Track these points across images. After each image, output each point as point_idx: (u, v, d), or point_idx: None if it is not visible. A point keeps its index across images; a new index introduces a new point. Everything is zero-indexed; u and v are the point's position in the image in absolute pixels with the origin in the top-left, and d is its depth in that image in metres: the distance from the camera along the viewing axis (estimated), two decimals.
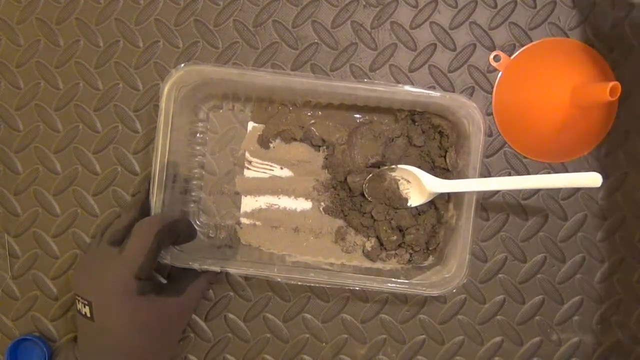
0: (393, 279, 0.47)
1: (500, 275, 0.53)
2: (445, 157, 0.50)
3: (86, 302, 0.43)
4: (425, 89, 0.46)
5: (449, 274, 0.47)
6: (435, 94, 0.46)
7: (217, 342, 0.53)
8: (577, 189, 0.53)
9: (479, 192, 0.47)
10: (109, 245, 0.44)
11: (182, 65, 0.46)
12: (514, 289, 0.53)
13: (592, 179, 0.44)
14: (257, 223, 0.52)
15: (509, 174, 0.53)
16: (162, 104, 0.46)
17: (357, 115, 0.52)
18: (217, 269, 0.47)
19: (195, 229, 0.50)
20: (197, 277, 0.49)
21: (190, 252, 0.48)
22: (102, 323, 0.42)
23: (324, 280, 0.47)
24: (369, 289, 0.47)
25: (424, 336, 0.53)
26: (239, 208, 0.53)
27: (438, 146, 0.50)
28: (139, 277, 0.42)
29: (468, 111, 0.46)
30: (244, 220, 0.53)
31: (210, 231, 0.52)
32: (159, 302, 0.44)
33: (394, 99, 0.48)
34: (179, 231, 0.46)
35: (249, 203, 0.53)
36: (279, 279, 0.47)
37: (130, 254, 0.42)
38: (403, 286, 0.47)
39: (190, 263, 0.47)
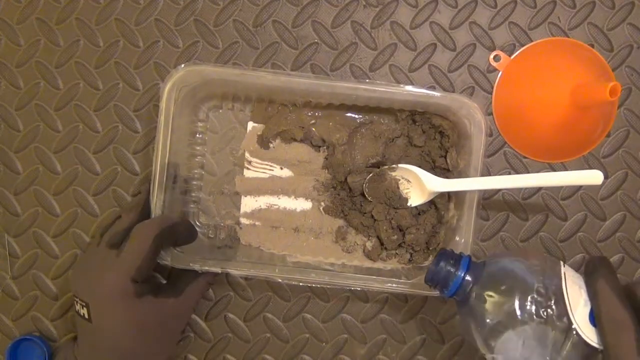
0: (394, 279, 0.47)
1: None
2: (445, 157, 0.50)
3: (84, 304, 0.43)
4: (426, 89, 0.46)
5: None
6: (437, 94, 0.46)
7: (217, 342, 0.53)
8: (578, 189, 0.53)
9: (480, 192, 0.47)
10: (107, 248, 0.44)
11: (183, 65, 0.46)
12: None
13: (594, 177, 0.44)
14: (257, 223, 0.52)
15: (509, 174, 0.53)
16: (163, 104, 0.46)
17: (358, 116, 0.52)
18: (218, 270, 0.47)
19: (195, 230, 0.50)
20: (196, 278, 0.49)
21: (191, 253, 0.48)
22: (100, 325, 0.43)
23: (326, 281, 0.47)
24: (370, 289, 0.47)
25: (424, 336, 0.53)
26: (238, 208, 0.53)
27: (439, 146, 0.50)
28: (136, 280, 0.43)
29: (469, 111, 0.46)
30: (243, 220, 0.53)
31: (210, 231, 0.52)
32: (156, 304, 0.45)
33: (395, 99, 0.48)
34: (178, 234, 0.46)
35: (248, 203, 0.53)
36: (280, 280, 0.47)
37: (127, 257, 0.42)
38: (404, 286, 0.47)
39: (190, 264, 0.47)
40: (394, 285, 0.47)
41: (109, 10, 0.54)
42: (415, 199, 0.50)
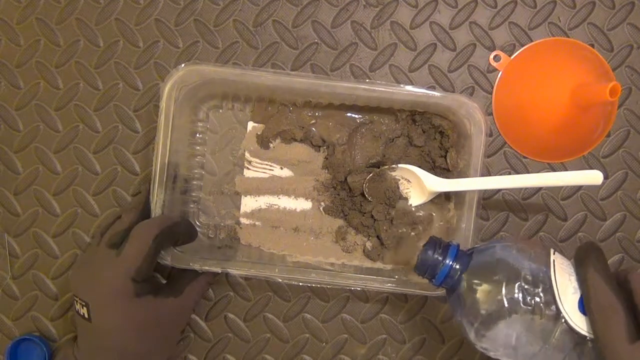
0: (394, 279, 0.47)
1: None
2: (445, 157, 0.50)
3: (84, 304, 0.43)
4: (426, 89, 0.46)
5: None
6: (437, 94, 0.46)
7: (217, 342, 0.53)
8: (578, 189, 0.53)
9: (480, 192, 0.47)
10: (107, 248, 0.44)
11: (183, 65, 0.46)
12: None
13: (593, 177, 0.44)
14: (257, 223, 0.52)
15: (509, 174, 0.53)
16: (163, 104, 0.46)
17: (358, 116, 0.51)
18: (218, 270, 0.47)
19: (195, 229, 0.50)
20: (196, 278, 0.49)
21: (191, 252, 0.48)
22: (100, 324, 0.43)
23: (326, 281, 0.47)
24: (370, 289, 0.47)
25: (424, 336, 0.53)
26: (238, 208, 0.53)
27: (439, 146, 0.50)
28: (136, 280, 0.43)
29: (469, 111, 0.46)
30: (243, 220, 0.53)
31: (210, 231, 0.52)
32: (156, 304, 0.45)
33: (395, 99, 0.48)
34: (178, 234, 0.46)
35: (248, 203, 0.53)
36: (280, 280, 0.47)
37: (127, 257, 0.43)
38: (404, 286, 0.47)
39: (190, 264, 0.47)
40: (393, 285, 0.47)
41: (109, 10, 0.54)
42: (415, 199, 0.50)
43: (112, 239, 0.44)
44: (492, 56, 0.53)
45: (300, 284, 0.47)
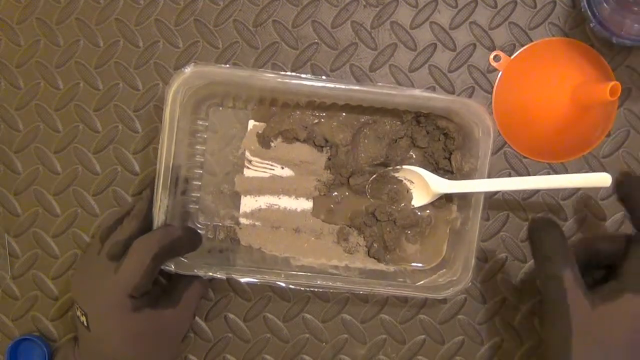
0: (400, 282, 0.47)
1: (500, 275, 0.53)
2: (449, 159, 0.50)
3: (83, 312, 0.43)
4: (435, 93, 0.46)
5: (454, 277, 0.47)
6: (446, 97, 0.46)
7: (217, 342, 0.53)
8: (577, 189, 0.53)
9: (486, 194, 0.46)
10: (107, 259, 0.44)
11: (189, 67, 0.45)
12: (514, 289, 0.53)
13: (602, 180, 0.44)
14: (257, 223, 0.52)
15: (509, 174, 0.53)
16: (167, 108, 0.45)
17: (362, 116, 0.51)
18: (224, 277, 0.47)
19: (200, 236, 0.50)
20: (192, 283, 0.48)
21: (193, 257, 0.48)
22: (98, 335, 0.43)
23: (332, 286, 0.47)
24: (377, 293, 0.47)
25: (424, 336, 0.53)
26: (238, 208, 0.52)
27: (442, 148, 0.50)
28: (134, 296, 0.43)
29: (478, 115, 0.45)
30: (243, 220, 0.52)
31: (209, 232, 0.52)
32: (155, 316, 0.45)
33: (402, 102, 0.47)
34: (179, 248, 0.46)
35: (248, 203, 0.52)
36: (284, 285, 0.47)
37: (125, 274, 0.42)
38: (409, 290, 0.47)
39: (195, 270, 0.46)
40: (401, 289, 0.47)
41: (109, 10, 0.54)
42: (418, 200, 0.50)
43: (112, 249, 0.44)
44: (492, 56, 0.53)
45: (309, 289, 0.47)
